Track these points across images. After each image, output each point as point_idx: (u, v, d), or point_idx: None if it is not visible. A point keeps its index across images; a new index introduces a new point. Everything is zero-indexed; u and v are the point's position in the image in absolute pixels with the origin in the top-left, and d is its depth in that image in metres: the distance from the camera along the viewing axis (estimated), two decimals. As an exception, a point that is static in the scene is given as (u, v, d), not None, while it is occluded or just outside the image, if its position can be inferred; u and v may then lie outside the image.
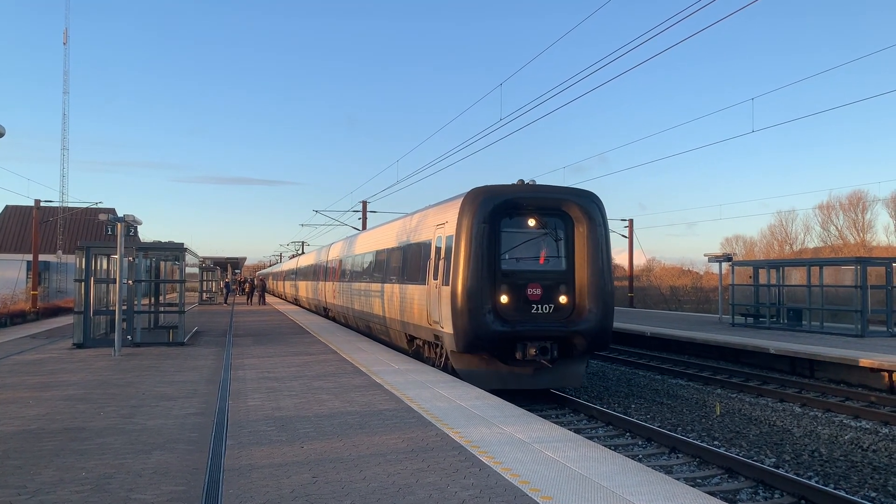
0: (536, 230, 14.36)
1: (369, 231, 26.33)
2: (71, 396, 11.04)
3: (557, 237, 14.40)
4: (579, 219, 14.27)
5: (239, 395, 11.24)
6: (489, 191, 14.17)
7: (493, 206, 13.86)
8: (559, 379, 14.59)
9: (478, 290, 13.48)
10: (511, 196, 14.10)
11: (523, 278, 14.00)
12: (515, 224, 14.25)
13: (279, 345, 19.40)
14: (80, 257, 18.62)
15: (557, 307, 14.08)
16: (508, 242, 14.15)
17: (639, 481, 6.55)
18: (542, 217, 14.35)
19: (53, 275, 47.57)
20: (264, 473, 6.78)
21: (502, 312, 13.70)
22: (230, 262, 68.26)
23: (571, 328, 13.89)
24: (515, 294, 13.91)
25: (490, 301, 13.55)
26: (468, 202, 14.05)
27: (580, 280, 14.11)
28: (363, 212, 45.89)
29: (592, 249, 14.09)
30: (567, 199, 14.34)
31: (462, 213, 13.99)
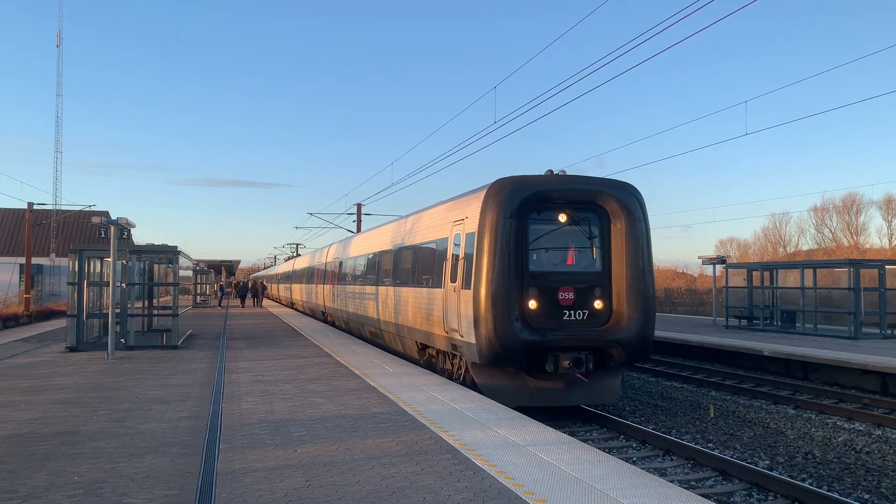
0: (568, 226, 12.84)
1: (373, 230, 24.27)
2: (64, 400, 10.99)
3: (592, 234, 12.90)
4: (616, 213, 12.75)
5: (232, 398, 11.21)
6: (516, 182, 12.60)
7: (521, 199, 12.32)
8: (594, 394, 13.07)
9: (504, 294, 12.01)
10: (541, 188, 12.56)
11: (554, 281, 12.49)
12: (545, 219, 12.75)
13: (273, 348, 19.36)
14: (73, 260, 18.55)
15: (592, 313, 12.55)
16: (537, 240, 12.70)
17: (633, 484, 6.55)
18: (575, 211, 12.82)
19: (46, 278, 47.45)
20: (258, 477, 6.76)
21: (531, 319, 12.22)
22: (224, 265, 68.04)
23: (609, 337, 12.36)
24: (545, 299, 12.38)
25: (517, 307, 12.07)
26: (493, 195, 12.50)
27: (618, 282, 12.63)
28: (358, 214, 45.86)
29: (632, 248, 12.58)
30: (603, 192, 12.76)
31: (486, 208, 12.50)
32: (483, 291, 12.15)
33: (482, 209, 12.59)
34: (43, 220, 52.43)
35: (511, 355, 12.05)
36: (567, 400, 12.99)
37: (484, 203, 12.62)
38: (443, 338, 14.24)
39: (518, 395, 12.62)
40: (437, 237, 15.27)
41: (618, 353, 12.48)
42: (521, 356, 12.08)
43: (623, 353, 12.47)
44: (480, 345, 12.14)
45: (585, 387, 12.83)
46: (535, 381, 12.65)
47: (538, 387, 12.75)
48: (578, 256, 12.89)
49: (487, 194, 12.67)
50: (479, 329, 12.16)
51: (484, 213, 12.52)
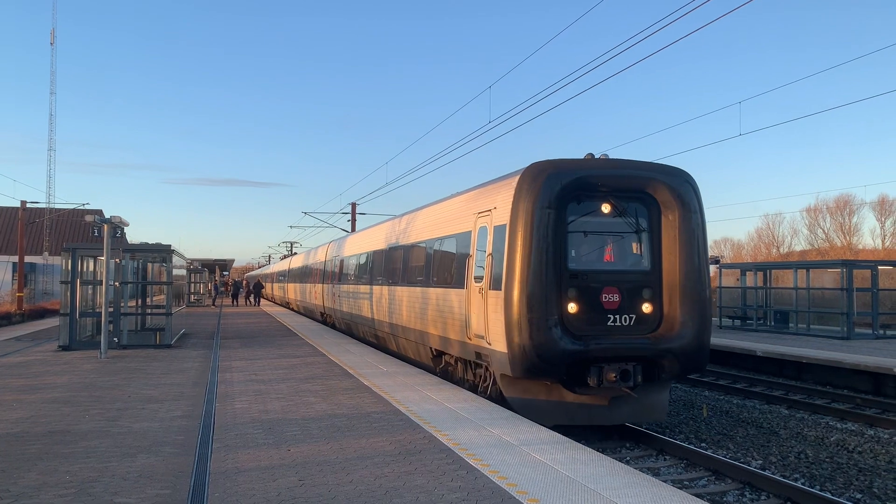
0: (613, 218, 11.38)
1: (379, 225, 22.23)
2: (56, 399, 10.95)
3: (640, 227, 11.41)
4: (669, 203, 11.30)
5: (226, 397, 11.19)
6: (555, 166, 11.08)
7: (561, 186, 10.85)
8: (640, 411, 11.56)
9: (541, 296, 10.53)
10: (583, 173, 11.09)
11: (597, 280, 11.01)
12: (586, 210, 11.28)
13: (267, 347, 19.33)
14: (66, 259, 18.49)
15: (640, 318, 11.11)
16: (577, 234, 11.23)
17: (626, 483, 6.56)
18: (621, 201, 11.36)
19: (39, 276, 47.23)
20: (251, 476, 6.75)
21: (571, 325, 10.73)
22: (218, 264, 67.94)
23: (660, 346, 10.90)
24: (587, 301, 10.91)
25: (556, 310, 10.59)
26: (527, 181, 10.99)
27: (669, 282, 11.20)
28: (352, 213, 45.82)
29: (686, 243, 11.15)
30: (654, 178, 11.29)
31: (519, 196, 11.00)
32: (516, 293, 10.68)
33: (515, 198, 11.11)
34: (36, 218, 52.22)
35: (549, 367, 10.57)
36: (610, 418, 11.49)
37: (517, 191, 11.12)
38: (465, 345, 12.68)
39: (555, 413, 11.17)
40: (458, 231, 13.71)
41: (670, 364, 11.03)
42: (560, 367, 10.59)
43: (676, 363, 11.02)
44: (513, 354, 10.65)
45: (632, 402, 11.34)
46: (574, 396, 11.15)
47: (578, 402, 11.22)
48: (624, 253, 11.51)
49: (521, 181, 11.14)
50: (511, 336, 10.69)
51: (517, 202, 11.04)
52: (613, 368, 10.64)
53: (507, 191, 11.50)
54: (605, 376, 10.67)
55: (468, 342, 12.44)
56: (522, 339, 10.54)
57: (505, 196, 11.55)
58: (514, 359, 10.66)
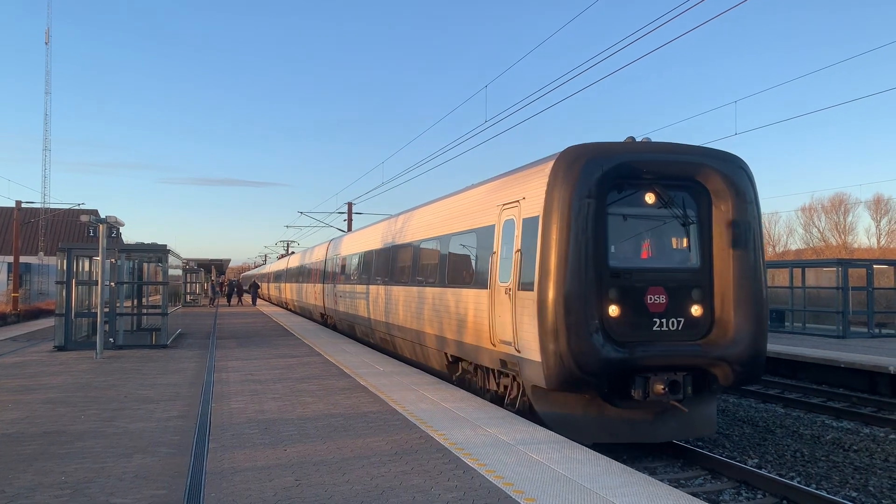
0: (657, 209, 10.22)
1: (387, 220, 20.79)
2: (51, 400, 10.92)
3: (687, 220, 10.27)
4: (721, 193, 10.16)
5: (222, 397, 11.17)
6: (595, 151, 9.94)
7: (602, 172, 9.72)
8: (688, 426, 10.45)
9: (581, 297, 9.41)
10: (627, 158, 9.94)
11: (641, 280, 9.89)
12: (628, 200, 10.13)
13: (263, 347, 19.31)
14: (61, 259, 18.44)
15: (689, 322, 9.95)
16: (618, 228, 10.08)
17: (622, 482, 6.57)
18: (667, 190, 10.23)
19: (35, 277, 47.08)
20: (247, 476, 6.74)
21: (613, 330, 9.58)
22: (214, 264, 67.83)
23: (713, 353, 9.80)
24: (630, 303, 9.77)
25: (597, 314, 9.47)
26: (564, 167, 9.83)
27: (721, 282, 10.06)
28: (349, 213, 45.77)
29: (741, 238, 10.04)
30: (705, 165, 10.17)
31: (554, 184, 9.85)
32: (551, 294, 9.54)
33: (549, 186, 9.97)
34: (31, 218, 52.10)
35: (590, 378, 9.45)
36: (655, 434, 10.33)
37: (552, 178, 9.97)
38: (488, 352, 11.55)
39: (594, 429, 10.09)
40: (478, 225, 12.53)
41: (723, 374, 9.93)
42: (602, 378, 9.48)
43: (730, 373, 9.89)
44: (547, 364, 9.51)
45: (678, 416, 10.20)
46: (614, 411, 10.07)
47: (619, 417, 10.13)
48: (671, 248, 10.42)
49: (556, 167, 9.99)
50: (545, 343, 9.57)
51: (552, 191, 9.91)
52: (661, 379, 9.49)
53: (539, 179, 10.34)
54: (651, 388, 9.54)
55: (492, 349, 11.30)
56: (559, 346, 9.41)
57: (536, 185, 10.40)
58: (550, 369, 9.52)
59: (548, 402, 10.21)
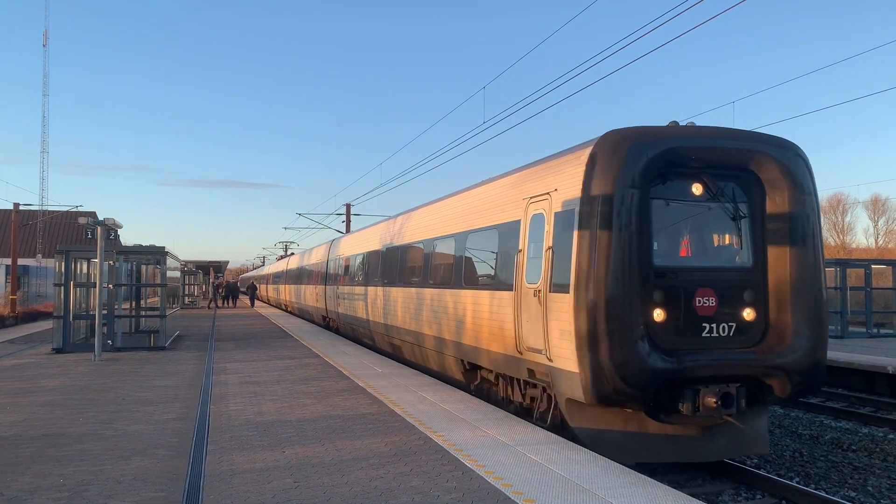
0: (705, 201, 9.22)
1: (395, 218, 19.53)
2: (49, 402, 10.90)
3: (738, 213, 9.30)
4: (776, 183, 9.19)
5: (220, 399, 11.16)
6: (639, 135, 8.92)
7: (647, 160, 8.71)
8: (740, 442, 9.38)
9: (626, 300, 8.44)
10: (674, 144, 8.94)
11: (688, 281, 8.88)
12: (674, 191, 9.12)
13: (262, 349, 19.29)
14: (59, 261, 18.44)
15: (741, 326, 8.99)
16: (663, 222, 9.07)
17: (621, 483, 6.57)
18: (717, 180, 9.21)
19: (33, 279, 47.05)
20: (245, 478, 6.73)
21: (658, 337, 8.61)
22: (212, 266, 67.77)
23: (770, 361, 8.83)
24: (677, 306, 8.79)
25: (641, 319, 8.51)
26: (605, 154, 8.83)
27: (777, 282, 9.10)
28: (347, 214, 45.76)
29: (798, 233, 9.09)
30: (758, 152, 9.20)
31: (593, 173, 8.85)
32: (591, 296, 8.54)
33: (587, 176, 8.94)
34: (29, 220, 52.06)
35: (635, 390, 8.46)
36: (705, 452, 9.33)
37: (590, 167, 8.95)
38: (512, 360, 10.57)
39: (636, 448, 9.13)
40: (500, 221, 11.55)
41: (780, 385, 8.95)
42: (648, 391, 8.49)
43: (787, 384, 8.91)
44: (586, 375, 8.52)
45: (728, 432, 9.22)
46: (658, 427, 9.10)
47: (664, 434, 9.13)
48: (720, 245, 9.48)
49: (596, 154, 8.96)
50: (583, 352, 8.56)
51: (590, 181, 8.89)
52: (713, 391, 8.52)
53: (575, 167, 9.32)
54: (702, 401, 8.57)
55: (518, 357, 10.32)
56: (600, 355, 8.43)
57: (571, 174, 9.39)
58: (589, 381, 8.53)
59: (584, 417, 9.21)
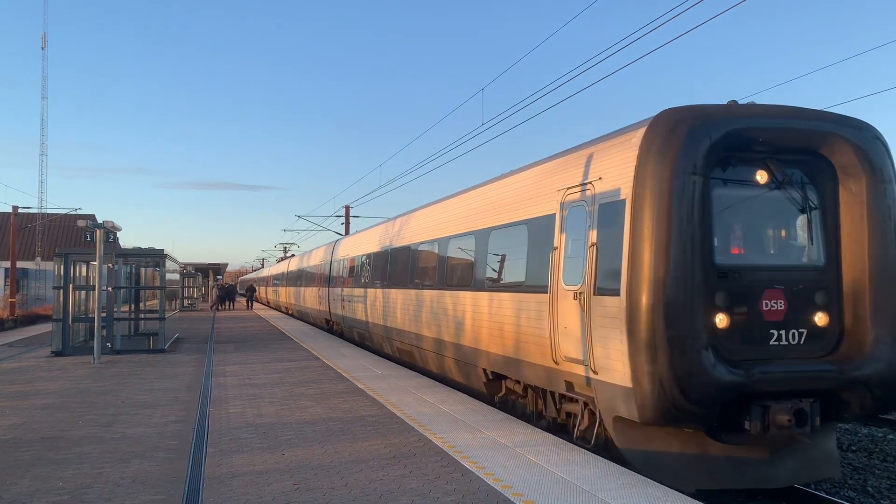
0: (771, 190, 8.07)
1: (407, 215, 18.34)
2: (49, 405, 10.89)
3: (808, 204, 8.17)
4: (851, 169, 8.06)
5: (220, 402, 11.15)
6: (699, 115, 7.84)
7: (711, 143, 7.65)
8: (811, 466, 8.35)
9: (688, 304, 7.40)
10: (739, 125, 7.84)
11: (754, 281, 7.78)
12: (736, 178, 8.01)
13: (261, 351, 19.29)
14: (58, 264, 18.43)
15: (813, 333, 7.90)
16: (725, 214, 7.96)
17: (621, 484, 6.57)
18: (784, 166, 8.08)
19: (32, 282, 46.98)
20: (245, 481, 6.73)
21: (722, 346, 7.54)
22: (212, 268, 67.75)
23: (849, 374, 7.71)
24: (741, 310, 7.71)
25: (705, 325, 7.47)
26: (662, 136, 7.74)
27: (853, 282, 7.98)
28: (346, 216, 45.74)
29: (878, 226, 7.96)
30: (832, 134, 8.06)
31: (647, 157, 7.74)
32: (649, 300, 7.46)
33: (640, 161, 7.85)
34: (28, 223, 52.04)
35: (699, 407, 7.37)
36: (772, 478, 8.16)
37: (644, 150, 7.85)
38: (546, 370, 9.55)
39: (695, 472, 8.05)
40: (530, 216, 10.47)
41: (858, 401, 7.86)
42: (713, 408, 7.43)
43: (868, 398, 7.81)
44: (643, 390, 7.46)
45: (799, 454, 8.19)
46: (720, 448, 7.99)
47: (726, 457, 8.03)
48: (788, 241, 8.33)
49: (650, 135, 7.88)
50: (640, 363, 7.48)
51: (644, 166, 7.79)
52: (785, 407, 7.46)
53: (624, 152, 8.27)
54: (772, 419, 7.51)
55: (553, 367, 9.29)
56: (659, 367, 7.35)
57: (619, 160, 8.34)
58: (645, 397, 7.46)
59: (633, 436, 8.12)
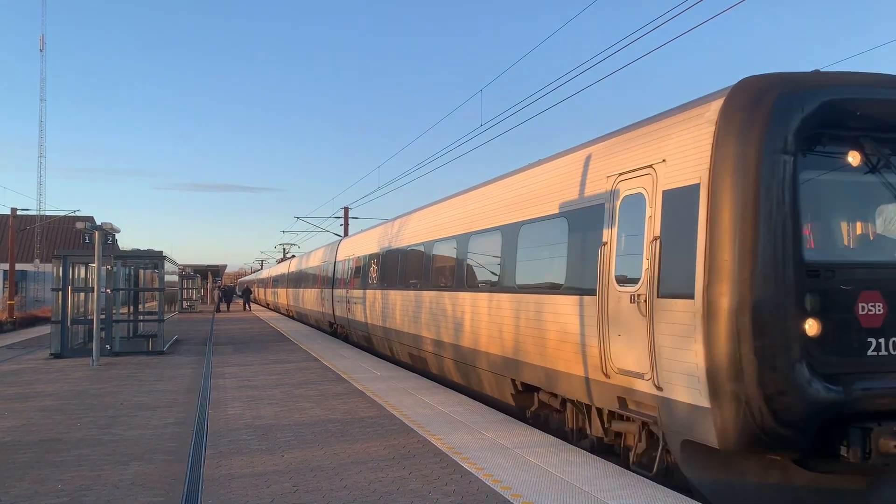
0: (865, 174, 6.88)
1: (421, 211, 16.93)
2: (47, 407, 10.89)
3: None
4: None
5: (219, 404, 11.15)
6: (787, 84, 6.71)
7: (803, 116, 6.53)
8: None
9: (778, 308, 6.35)
10: (836, 96, 6.68)
11: (849, 281, 6.62)
12: (828, 160, 6.82)
13: (260, 353, 19.28)
14: (57, 266, 18.42)
15: None
16: (814, 202, 6.85)
17: (620, 485, 6.57)
18: (882, 145, 6.87)
19: (31, 284, 46.96)
20: (244, 483, 6.72)
21: (815, 358, 6.41)
22: (211, 270, 67.74)
23: None
24: (835, 316, 6.56)
25: (798, 334, 6.38)
26: (745, 106, 6.61)
27: None
28: (345, 218, 45.74)
29: None
30: None
31: (728, 133, 6.62)
32: (728, 302, 6.41)
33: (719, 137, 6.70)
34: (27, 225, 52.03)
35: (792, 431, 6.34)
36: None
37: (722, 124, 6.73)
38: (593, 384, 8.42)
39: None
40: (572, 207, 9.22)
41: None
42: (808, 432, 6.37)
43: None
44: (724, 409, 6.39)
45: (893, 483, 6.98)
46: (808, 477, 6.89)
47: (815, 487, 6.90)
48: (887, 234, 7.19)
49: (730, 106, 6.74)
50: (722, 379, 6.38)
51: (723, 144, 6.66)
52: (890, 430, 6.26)
53: (695, 129, 7.12)
54: (876, 444, 6.30)
55: (603, 381, 8.15)
56: (745, 384, 6.30)
57: (688, 138, 7.21)
58: (727, 419, 6.39)
59: (707, 465, 6.96)
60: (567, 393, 9.10)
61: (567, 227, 9.28)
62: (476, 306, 11.94)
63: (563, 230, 9.40)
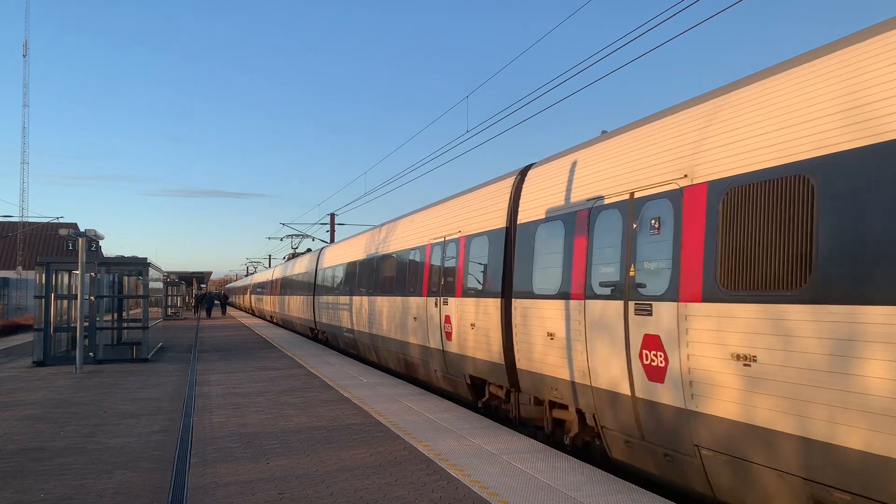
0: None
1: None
2: (30, 416, 10.77)
3: None
4: None
5: (204, 411, 11.08)
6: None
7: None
8: None
9: None
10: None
11: None
12: None
13: (245, 360, 19.18)
14: (40, 273, 18.25)
15: None
16: None
17: (606, 490, 6.59)
18: None
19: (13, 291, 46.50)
20: (229, 491, 6.68)
21: None
22: (195, 277, 67.35)
23: None
24: None
25: None
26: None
27: None
28: (331, 224, 45.62)
29: None
30: None
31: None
32: None
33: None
34: (9, 232, 51.52)
35: None
36: None
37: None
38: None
39: None
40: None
41: None
42: None
43: None
44: None
45: None
46: None
47: None
48: None
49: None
50: None
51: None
52: None
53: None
54: None
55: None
56: None
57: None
58: None
59: None
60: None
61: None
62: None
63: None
